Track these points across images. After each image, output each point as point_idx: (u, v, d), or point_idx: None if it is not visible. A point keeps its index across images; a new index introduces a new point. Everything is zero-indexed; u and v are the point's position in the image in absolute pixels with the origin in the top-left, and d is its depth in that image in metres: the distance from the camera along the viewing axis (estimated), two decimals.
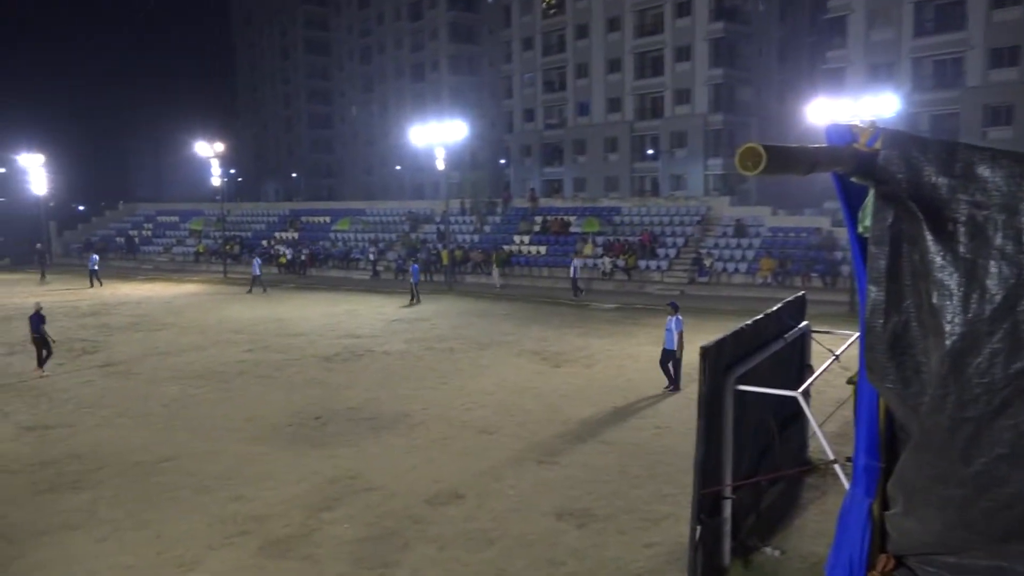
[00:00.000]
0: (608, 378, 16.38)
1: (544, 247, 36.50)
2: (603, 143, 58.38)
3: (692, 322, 23.12)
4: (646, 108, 56.22)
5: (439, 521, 9.24)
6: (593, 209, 38.76)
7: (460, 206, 42.94)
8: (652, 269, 32.78)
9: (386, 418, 13.58)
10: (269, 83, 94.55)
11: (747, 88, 53.82)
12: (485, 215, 41.29)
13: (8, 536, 9.05)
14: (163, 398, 15.29)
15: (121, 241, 51.61)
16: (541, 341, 20.68)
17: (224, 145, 42.27)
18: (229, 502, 9.93)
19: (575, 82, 59.45)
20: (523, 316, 25.21)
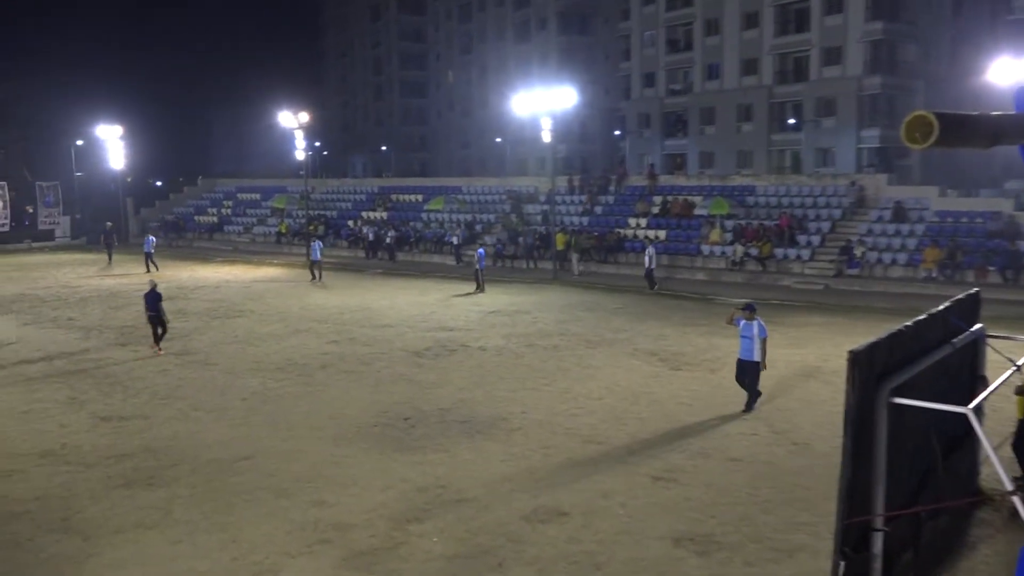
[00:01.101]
0: (735, 384, 16.05)
1: (664, 231, 36.06)
2: (735, 111, 57.12)
3: (840, 322, 22.48)
4: (788, 70, 54.63)
5: (538, 541, 9.31)
6: (722, 188, 38.01)
7: (568, 184, 42.93)
8: (791, 259, 31.88)
9: (481, 422, 13.77)
10: (358, 47, 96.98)
11: (912, 45, 51.43)
12: (596, 194, 41.14)
13: (84, 532, 9.69)
14: (242, 391, 15.99)
15: (200, 220, 54.16)
16: (659, 340, 20.47)
17: (309, 116, 43.63)
18: (310, 507, 10.30)
19: (704, 40, 58.35)
20: (638, 311, 25.01)
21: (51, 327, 23.36)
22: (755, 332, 13.83)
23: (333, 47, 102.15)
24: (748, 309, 14.23)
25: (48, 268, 39.45)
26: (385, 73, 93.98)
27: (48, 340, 21.41)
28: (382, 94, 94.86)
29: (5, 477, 11.53)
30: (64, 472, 11.69)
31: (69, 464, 12.02)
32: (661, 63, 61.63)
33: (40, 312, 26.00)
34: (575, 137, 72.21)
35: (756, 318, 13.97)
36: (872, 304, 25.34)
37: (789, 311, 24.53)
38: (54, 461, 12.16)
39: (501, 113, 68.21)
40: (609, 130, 73.44)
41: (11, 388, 16.52)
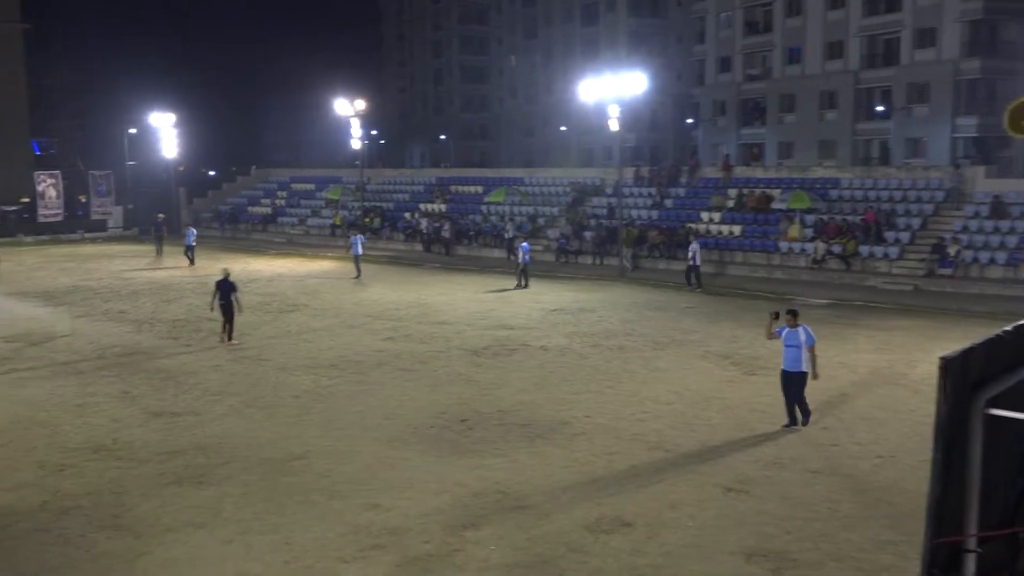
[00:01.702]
0: (814, 391, 15.77)
1: (739, 227, 35.64)
2: (818, 98, 56.13)
3: (930, 326, 21.96)
4: (876, 53, 53.50)
5: (601, 552, 9.30)
6: (802, 181, 37.38)
7: (635, 175, 42.70)
8: (878, 257, 31.21)
9: (542, 425, 13.80)
10: (418, 30, 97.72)
11: (1016, 25, 49.84)
12: (667, 187, 40.83)
13: (136, 530, 9.99)
14: (294, 388, 16.29)
15: (253, 211, 55.22)
16: (732, 342, 20.25)
17: (366, 103, 44.15)
18: (364, 510, 10.46)
19: (785, 22, 57.47)
20: (710, 311, 24.77)
21: (103, 320, 24.09)
22: (801, 340, 13.12)
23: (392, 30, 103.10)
24: (790, 314, 13.46)
25: (100, 259, 40.65)
26: (445, 57, 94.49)
27: (101, 333, 22.09)
28: (442, 80, 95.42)
29: (58, 471, 11.95)
30: (116, 468, 12.07)
31: (121, 460, 12.40)
32: (738, 46, 60.86)
33: (93, 304, 26.83)
34: (644, 125, 71.77)
35: (800, 324, 13.34)
36: (967, 307, 24.68)
37: (874, 313, 24.05)
38: (106, 456, 12.56)
39: (566, 100, 68.19)
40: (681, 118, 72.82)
41: (65, 381, 17.10)
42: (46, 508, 10.68)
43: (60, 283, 31.85)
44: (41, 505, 10.78)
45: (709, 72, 63.40)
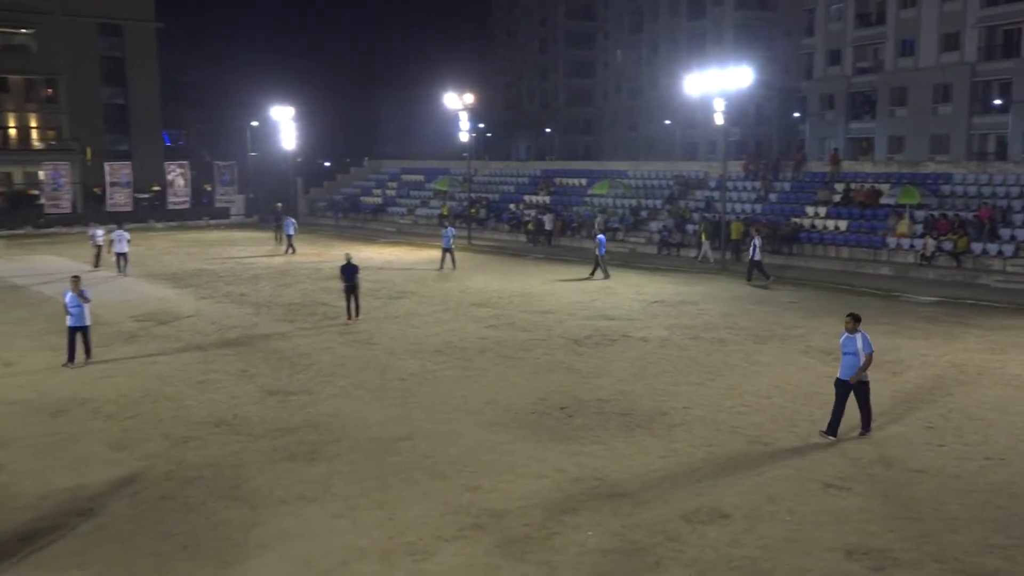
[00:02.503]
0: (921, 389, 15.25)
1: (845, 222, 34.54)
2: (931, 91, 53.88)
3: None
4: (995, 45, 50.96)
5: (698, 542, 9.20)
6: (913, 176, 35.98)
7: (744, 168, 41.85)
8: (991, 255, 29.81)
9: (640, 415, 13.71)
10: (525, 25, 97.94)
11: None
12: (771, 181, 39.89)
13: (252, 501, 10.37)
14: (401, 372, 16.60)
15: (365, 201, 56.40)
16: (835, 338, 19.47)
17: (474, 97, 44.45)
18: (465, 491, 10.60)
19: (898, 13, 55.32)
20: (813, 306, 24.12)
21: (225, 302, 25.01)
22: (859, 346, 12.22)
23: (499, 26, 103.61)
24: (851, 318, 12.49)
25: (223, 245, 42.20)
26: (551, 53, 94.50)
27: (222, 314, 22.95)
28: (548, 74, 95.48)
29: (183, 443, 12.49)
30: (235, 442, 12.54)
31: (239, 434, 12.88)
32: (848, 39, 58.89)
33: (215, 287, 27.89)
34: (750, 119, 70.30)
35: (860, 330, 12.36)
36: None
37: (986, 312, 23.01)
38: (226, 430, 13.06)
39: (671, 94, 67.31)
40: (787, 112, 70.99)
41: (189, 358, 17.84)
42: (171, 477, 11.18)
43: (186, 267, 33.21)
44: (167, 474, 11.29)
45: (817, 65, 61.51)
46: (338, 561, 8.83)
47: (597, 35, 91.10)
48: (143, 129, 66.97)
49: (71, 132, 62.59)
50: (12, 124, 62.16)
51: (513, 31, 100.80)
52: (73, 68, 62.71)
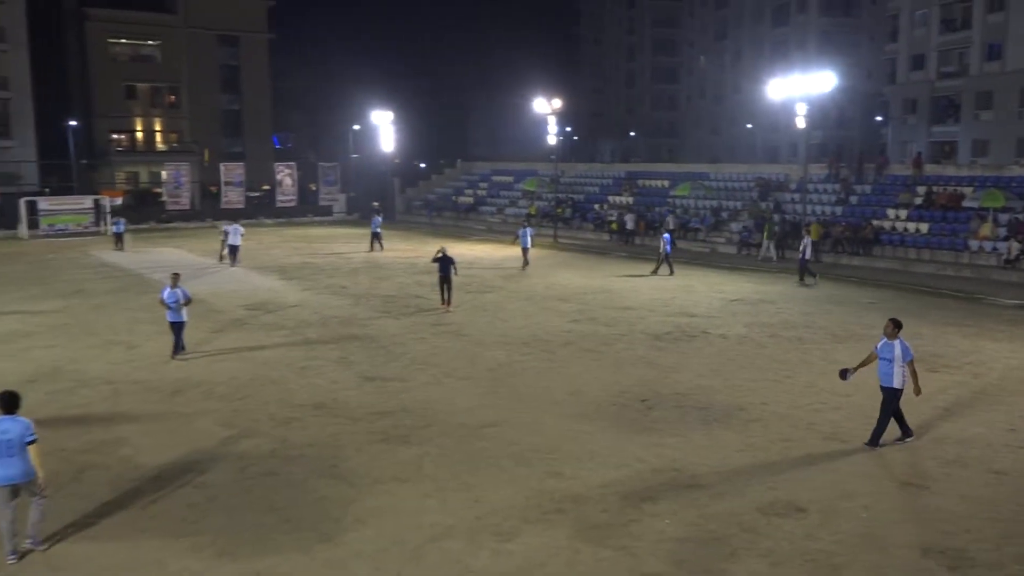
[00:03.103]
0: (1003, 392, 14.59)
1: (926, 224, 33.29)
2: (1018, 95, 51.45)
3: None
4: None
5: (773, 534, 9.00)
6: (997, 179, 34.41)
7: (828, 167, 40.71)
8: None
9: (718, 409, 13.49)
10: (613, 33, 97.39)
11: None
12: (853, 183, 38.72)
13: (349, 479, 10.59)
14: (489, 362, 16.69)
15: (458, 200, 56.89)
16: (914, 339, 18.85)
17: (562, 102, 44.38)
18: (547, 477, 10.60)
19: (985, 17, 52.98)
20: (892, 307, 23.29)
21: (326, 293, 25.56)
22: (896, 354, 11.34)
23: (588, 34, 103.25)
24: (892, 324, 11.58)
25: (326, 240, 43.13)
26: (637, 60, 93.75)
27: (324, 305, 23.46)
28: (633, 80, 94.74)
29: (286, 424, 12.82)
30: (334, 424, 12.81)
31: (337, 417, 13.15)
32: (932, 43, 56.67)
33: (318, 279, 28.53)
34: (831, 123, 68.35)
35: (899, 337, 11.45)
36: None
37: None
38: (326, 413, 13.35)
39: (753, 99, 65.96)
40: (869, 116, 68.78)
41: (293, 346, 18.30)
42: (275, 454, 11.49)
43: (292, 260, 34.05)
44: (271, 452, 11.60)
45: (901, 70, 59.40)
46: (427, 538, 8.94)
47: (682, 43, 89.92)
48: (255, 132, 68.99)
49: (191, 135, 64.93)
50: (139, 128, 64.81)
51: (601, 39, 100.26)
52: (194, 76, 65.01)
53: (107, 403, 13.95)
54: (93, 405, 13.46)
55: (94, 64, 62.28)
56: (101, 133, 62.77)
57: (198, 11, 65.12)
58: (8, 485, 8.38)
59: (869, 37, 68.64)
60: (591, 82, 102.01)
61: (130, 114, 64.21)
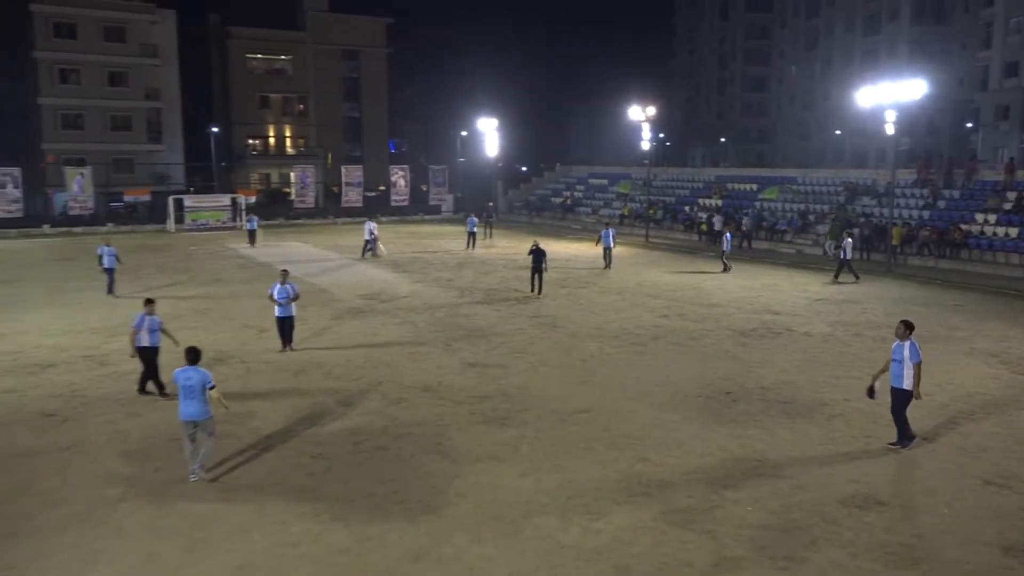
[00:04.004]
0: None
1: (1016, 229, 31.43)
2: None
3: None
4: None
5: (853, 526, 8.70)
6: None
7: (917, 170, 38.90)
8: None
9: (801, 404, 13.10)
10: (706, 44, 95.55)
11: None
12: (941, 188, 36.89)
13: (452, 457, 10.75)
14: (582, 353, 16.65)
15: (556, 201, 56.87)
16: (1001, 341, 17.99)
17: (655, 109, 43.80)
18: (636, 462, 10.52)
19: None
20: (979, 309, 22.15)
21: (434, 285, 25.96)
22: (905, 355, 10.80)
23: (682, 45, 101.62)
24: (903, 325, 10.97)
25: (435, 237, 43.77)
26: (729, 69, 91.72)
27: (432, 296, 23.84)
28: (725, 88, 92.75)
29: (396, 403, 13.11)
30: (439, 405, 13.02)
31: (442, 399, 13.35)
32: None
33: (427, 272, 29.00)
34: (921, 129, 65.19)
35: (910, 338, 10.87)
36: None
37: None
38: (432, 395, 13.58)
39: (842, 106, 63.66)
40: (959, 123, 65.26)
41: (404, 332, 18.68)
42: (386, 432, 11.76)
43: (405, 254, 34.67)
44: (383, 429, 11.88)
45: (993, 77, 56.14)
46: (522, 514, 9.00)
47: (773, 52, 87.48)
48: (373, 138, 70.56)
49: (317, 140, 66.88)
50: (272, 134, 67.16)
51: (694, 50, 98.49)
52: (320, 88, 66.92)
53: (240, 380, 14.55)
54: (228, 381, 14.08)
55: (234, 77, 64.83)
56: (238, 138, 65.31)
57: (325, 29, 66.99)
58: (189, 420, 9.84)
59: (961, 45, 65.09)
60: (684, 90, 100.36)
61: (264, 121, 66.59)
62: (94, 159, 52.78)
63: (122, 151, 56.29)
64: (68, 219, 48.38)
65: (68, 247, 38.71)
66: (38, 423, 12.19)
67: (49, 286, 25.91)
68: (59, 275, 28.59)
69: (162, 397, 13.15)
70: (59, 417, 12.47)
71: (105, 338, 18.04)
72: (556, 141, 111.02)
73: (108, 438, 11.51)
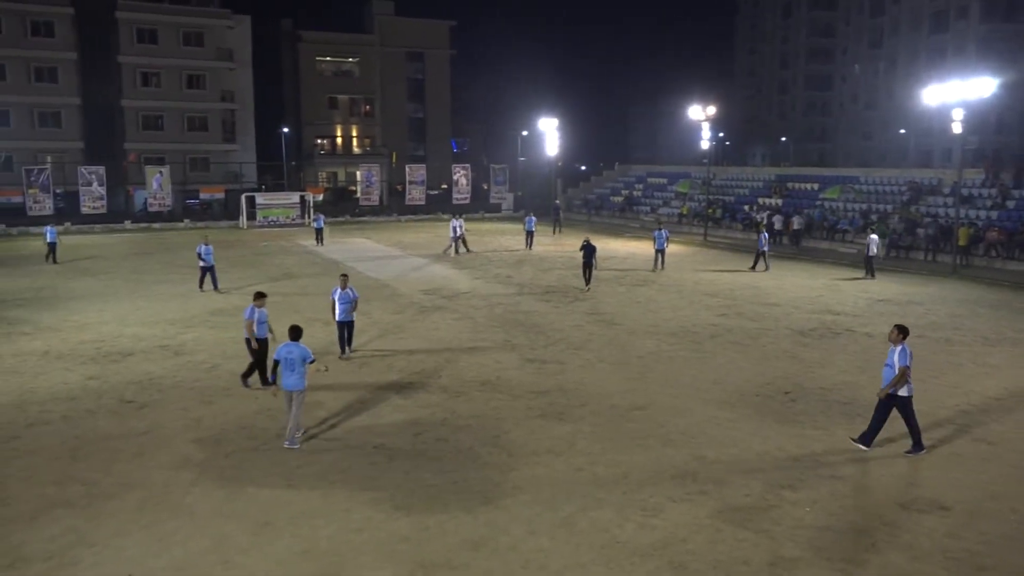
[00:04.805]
0: None
1: None
2: None
3: None
4: None
5: (915, 529, 8.42)
6: None
7: (982, 176, 37.50)
8: None
9: (863, 405, 12.71)
10: (768, 43, 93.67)
11: None
12: (1011, 188, 35.47)
13: (509, 450, 10.76)
14: (639, 350, 16.49)
15: (614, 200, 56.49)
16: None
17: (716, 108, 43.13)
18: (692, 459, 10.36)
19: None
20: None
21: (493, 282, 26.02)
22: (894, 359, 10.42)
23: (744, 43, 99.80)
24: (897, 330, 10.63)
25: (495, 235, 43.88)
26: (791, 68, 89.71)
27: (491, 292, 23.90)
28: (786, 87, 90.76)
29: (456, 397, 13.17)
30: (497, 399, 13.04)
31: (501, 393, 13.37)
32: None
33: (486, 269, 29.08)
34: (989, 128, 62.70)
35: (903, 343, 10.48)
36: None
37: None
38: (490, 389, 13.61)
39: (907, 105, 61.72)
40: None
41: (464, 327, 18.76)
42: (446, 424, 11.83)
43: (464, 251, 34.80)
44: (442, 421, 11.95)
45: None
46: (578, 507, 8.95)
47: (836, 51, 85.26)
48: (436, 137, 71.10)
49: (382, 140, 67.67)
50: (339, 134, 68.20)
51: (756, 49, 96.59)
52: (385, 89, 67.72)
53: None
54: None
55: (304, 79, 66.03)
56: (308, 138, 66.51)
57: (391, 31, 67.73)
58: (291, 391, 10.78)
59: None
60: (744, 89, 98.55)
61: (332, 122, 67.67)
62: (172, 158, 54.43)
63: (198, 151, 57.86)
64: (148, 215, 50.02)
65: (147, 242, 39.99)
66: (118, 409, 12.61)
67: (129, 279, 26.78)
68: (139, 269, 29.53)
69: (265, 387, 13.05)
70: (137, 403, 12.87)
71: (180, 329, 18.57)
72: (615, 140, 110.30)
73: (182, 424, 11.84)
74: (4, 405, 12.78)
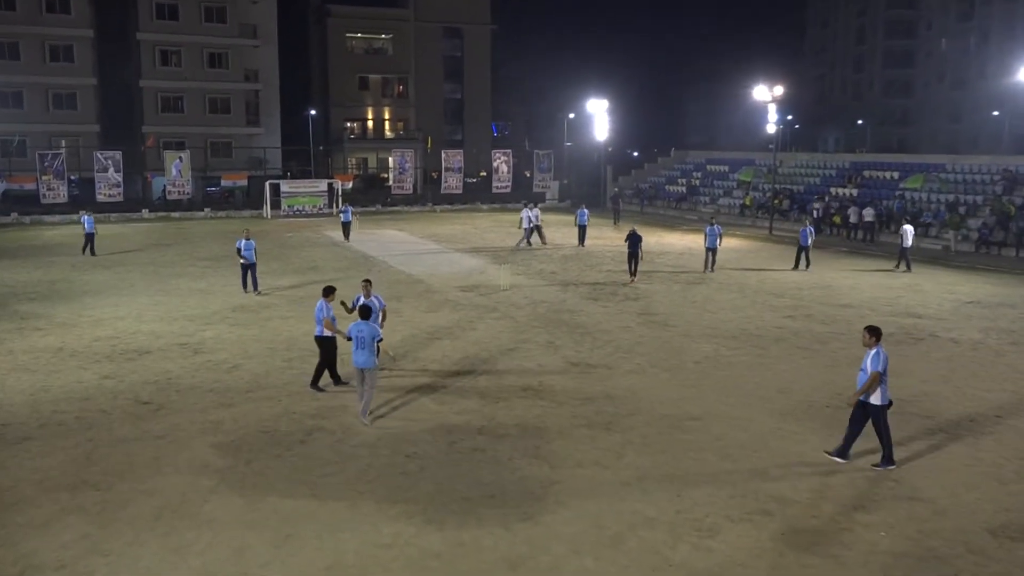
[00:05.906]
0: None
1: None
2: None
3: None
4: None
5: (1005, 559, 8.24)
6: None
7: None
8: None
9: (945, 419, 12.48)
10: (842, 15, 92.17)
11: None
12: None
13: (551, 461, 10.77)
14: (696, 354, 16.37)
15: (670, 190, 56.10)
16: None
17: (783, 89, 42.57)
18: (753, 476, 10.26)
19: None
20: None
21: (537, 279, 26.04)
22: (868, 363, 10.41)
23: (814, 17, 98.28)
24: (868, 332, 10.65)
25: None
26: (868, 43, 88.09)
27: (534, 290, 23.92)
28: (863, 65, 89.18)
29: (494, 402, 13.22)
30: (539, 406, 13.05)
31: (543, 400, 13.38)
32: None
33: (529, 265, 29.11)
34: None
35: (878, 346, 10.43)
36: None
37: None
38: (532, 395, 13.63)
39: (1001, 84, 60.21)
40: None
41: (503, 327, 18.81)
42: (484, 432, 11.88)
43: (506, 244, 34.88)
44: (480, 429, 12.01)
45: None
46: (626, 526, 8.93)
47: (919, 24, 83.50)
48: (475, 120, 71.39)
49: (416, 123, 68.17)
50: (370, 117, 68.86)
51: (828, 22, 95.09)
52: (420, 68, 68.20)
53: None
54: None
55: (333, 57, 66.80)
56: (336, 121, 67.27)
57: (427, 5, 68.16)
58: (362, 368, 11.96)
59: None
60: (815, 68, 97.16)
61: (362, 104, 68.36)
62: (193, 142, 55.42)
63: (220, 134, 58.86)
64: (166, 203, 51.01)
65: (166, 232, 40.80)
66: (134, 410, 12.90)
67: (146, 272, 27.36)
68: (156, 261, 30.14)
69: (337, 385, 13.89)
70: (154, 405, 13.16)
71: (200, 326, 18.92)
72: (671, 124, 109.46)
73: (200, 427, 12.07)
74: (17, 404, 13.17)
